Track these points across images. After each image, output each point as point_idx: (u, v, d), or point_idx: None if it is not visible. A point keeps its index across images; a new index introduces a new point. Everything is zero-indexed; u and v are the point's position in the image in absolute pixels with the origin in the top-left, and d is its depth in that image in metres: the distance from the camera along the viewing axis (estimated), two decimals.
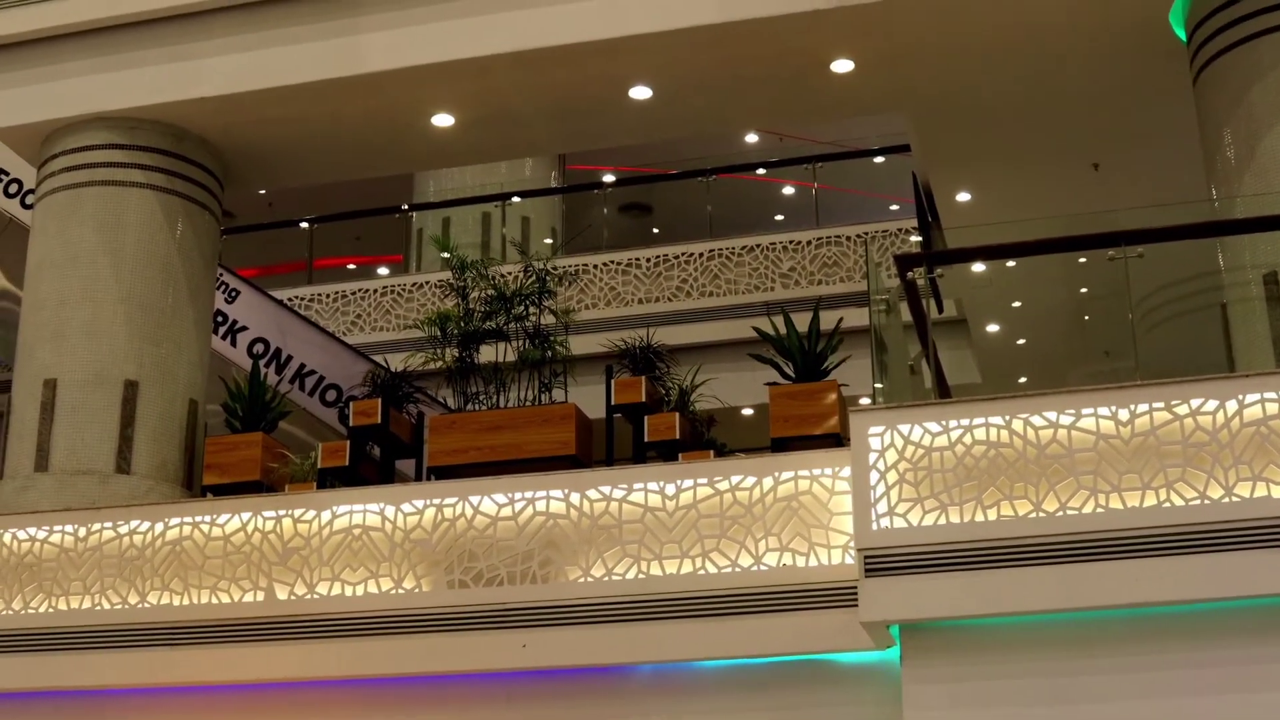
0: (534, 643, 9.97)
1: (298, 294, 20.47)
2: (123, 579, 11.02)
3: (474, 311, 12.01)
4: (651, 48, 11.88)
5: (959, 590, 8.86)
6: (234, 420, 12.23)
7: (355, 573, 10.46)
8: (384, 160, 14.23)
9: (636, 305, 19.06)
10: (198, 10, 12.65)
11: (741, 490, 9.83)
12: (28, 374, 12.43)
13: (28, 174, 16.08)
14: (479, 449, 11.16)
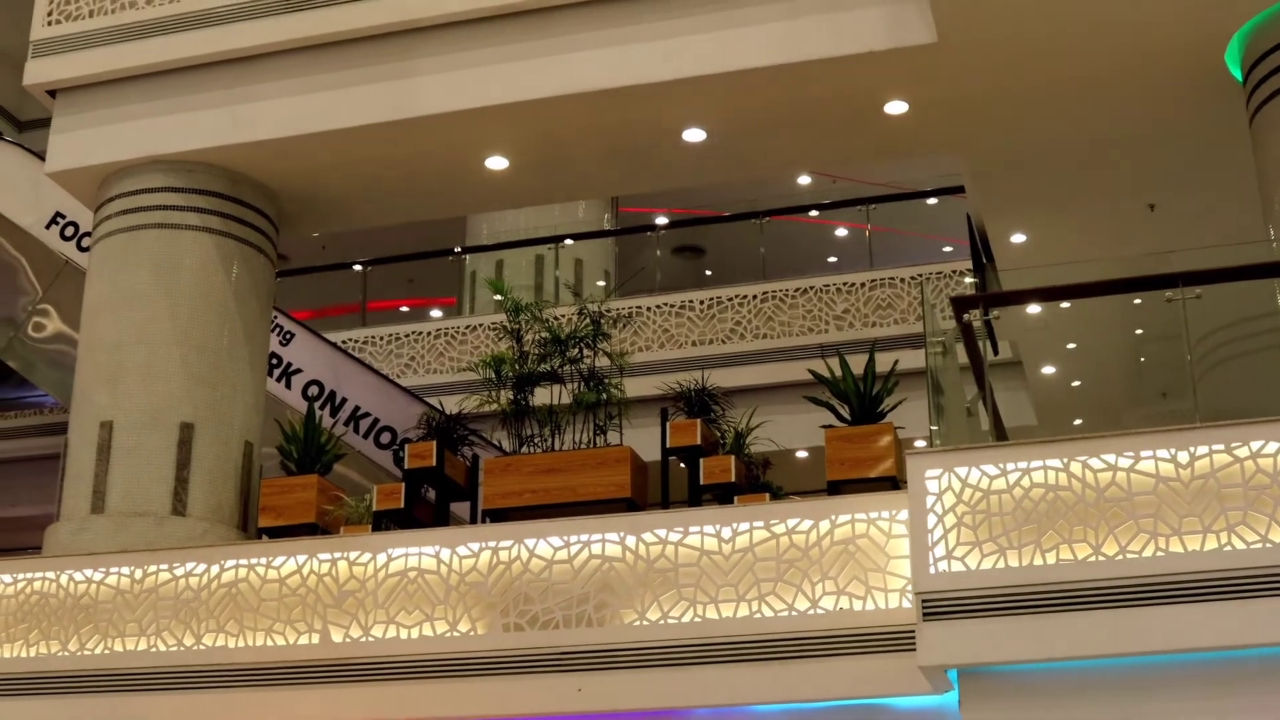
0: (589, 686, 9.93)
1: (351, 336, 20.52)
2: (178, 621, 11.03)
3: (529, 354, 12.02)
4: (705, 90, 11.88)
5: (1018, 634, 8.79)
6: (289, 463, 12.26)
7: (410, 615, 10.44)
8: (438, 203, 14.24)
9: (690, 347, 19.04)
10: (253, 54, 12.71)
11: (798, 533, 9.78)
12: (84, 416, 12.47)
13: (84, 217, 16.17)
14: (534, 492, 11.16)
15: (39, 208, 17.53)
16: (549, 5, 12.06)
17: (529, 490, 11.19)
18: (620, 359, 12.21)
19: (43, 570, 11.52)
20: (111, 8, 13.14)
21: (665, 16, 11.77)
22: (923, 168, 20.80)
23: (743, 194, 21.78)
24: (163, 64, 12.94)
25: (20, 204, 17.78)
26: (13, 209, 17.82)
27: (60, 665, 11.21)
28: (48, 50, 13.28)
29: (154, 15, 12.97)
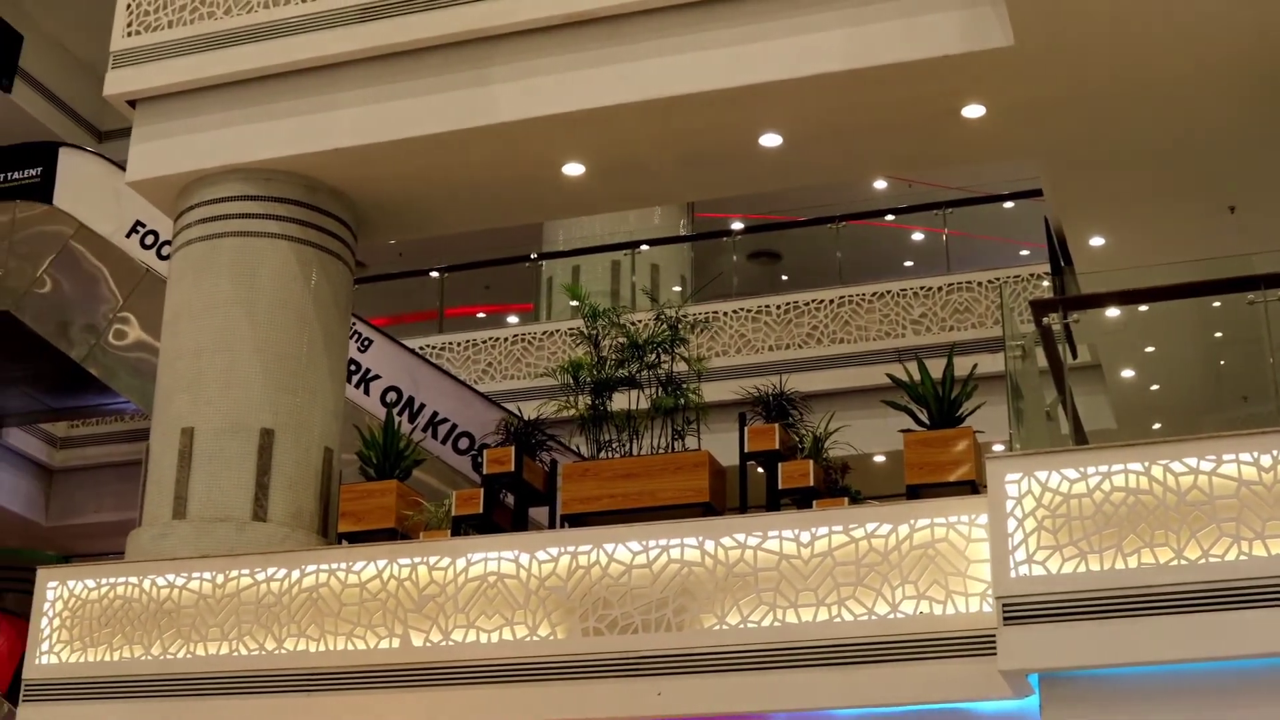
0: (669, 691, 9.94)
1: (429, 342, 20.62)
2: (260, 625, 11.10)
3: (606, 359, 12.05)
4: (782, 95, 11.86)
5: (1099, 639, 8.75)
6: (368, 468, 12.33)
7: (490, 620, 10.48)
8: (514, 210, 14.27)
9: (767, 352, 19.04)
10: (329, 63, 12.77)
11: (877, 538, 9.76)
12: (165, 423, 12.56)
13: (164, 225, 16.32)
14: (612, 496, 11.18)
15: (119, 217, 17.72)
16: (622, 12, 12.05)
17: (607, 495, 11.21)
18: (698, 364, 12.22)
19: (126, 575, 11.61)
20: (190, 19, 13.23)
21: (740, 22, 11.76)
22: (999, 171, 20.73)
23: (818, 199, 21.73)
24: (240, 73, 13.01)
25: (101, 213, 17.99)
26: (94, 218, 18.03)
27: (143, 669, 11.31)
28: (127, 61, 13.38)
29: (231, 25, 13.05)
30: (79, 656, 11.55)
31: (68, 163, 18.80)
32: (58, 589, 11.79)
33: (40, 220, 18.48)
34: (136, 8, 13.46)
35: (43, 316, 18.13)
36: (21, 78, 25.27)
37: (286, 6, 12.90)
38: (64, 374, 19.16)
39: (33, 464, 22.51)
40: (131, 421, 21.71)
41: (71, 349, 17.95)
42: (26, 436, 22.23)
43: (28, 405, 21.06)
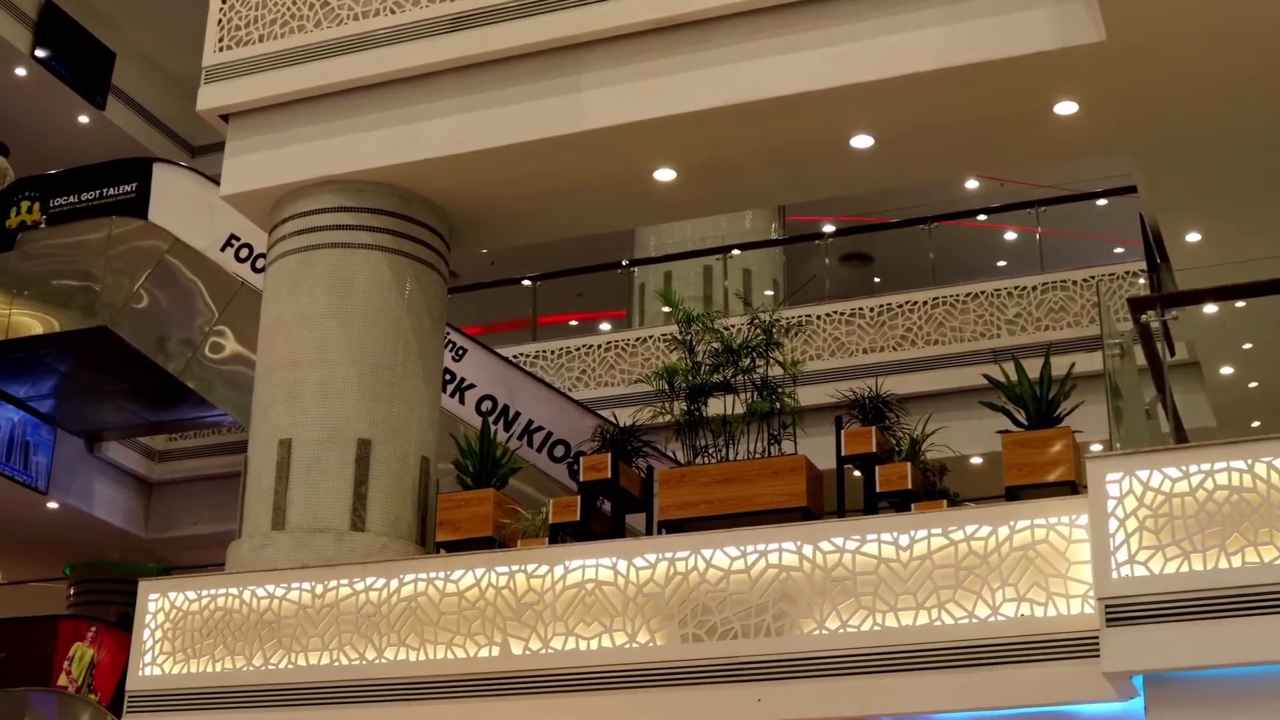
0: (769, 696, 9.91)
1: (522, 351, 20.66)
2: (359, 635, 11.15)
3: (701, 364, 12.03)
4: (873, 96, 11.79)
5: (1204, 639, 8.65)
6: (465, 477, 12.36)
7: (589, 627, 10.48)
8: (606, 216, 14.28)
9: (861, 355, 18.98)
10: (419, 74, 12.80)
11: (976, 540, 9.70)
12: (263, 434, 12.63)
13: (258, 239, 16.41)
14: (709, 502, 11.15)
15: (214, 231, 17.85)
16: (712, 16, 12.02)
17: (704, 501, 11.18)
18: (793, 368, 12.20)
19: (226, 587, 11.69)
20: (280, 32, 13.30)
21: (830, 23, 11.71)
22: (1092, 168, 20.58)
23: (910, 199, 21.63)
24: (332, 85, 13.07)
25: (196, 228, 18.12)
26: (188, 233, 18.17)
27: (244, 680, 11.38)
28: (220, 76, 13.47)
29: (321, 38, 13.11)
30: (181, 668, 11.64)
31: (162, 178, 18.95)
32: (159, 601, 11.88)
33: (136, 235, 18.64)
34: (228, 23, 13.55)
35: (140, 331, 18.28)
36: (115, 95, 25.55)
37: (376, 18, 12.95)
38: (161, 388, 19.33)
39: (132, 477, 22.69)
40: (228, 434, 21.86)
41: (169, 363, 18.09)
42: (125, 450, 22.42)
43: (126, 419, 21.25)
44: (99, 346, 18.79)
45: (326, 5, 13.16)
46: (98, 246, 18.70)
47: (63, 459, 21.50)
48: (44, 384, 20.31)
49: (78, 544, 23.06)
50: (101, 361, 19.27)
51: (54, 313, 18.80)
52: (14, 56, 23.86)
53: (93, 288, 18.53)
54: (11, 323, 18.94)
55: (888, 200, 21.65)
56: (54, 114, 25.03)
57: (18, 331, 18.91)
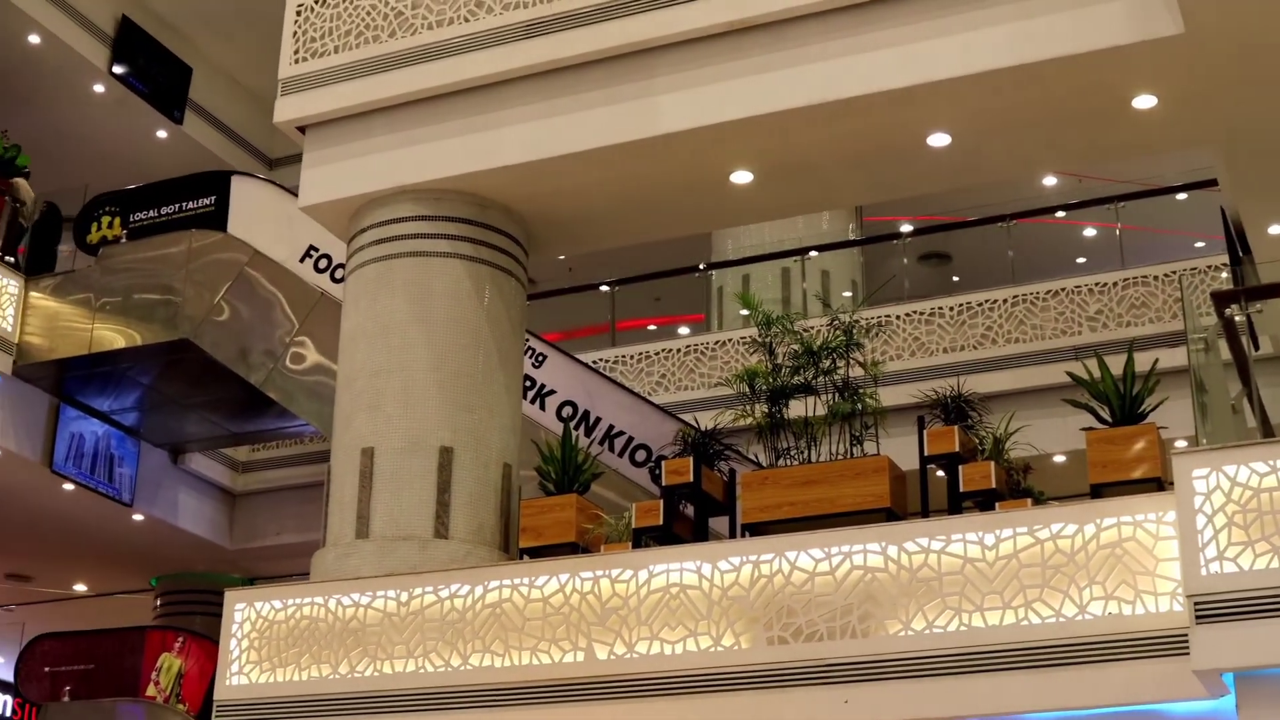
0: (856, 698, 9.88)
1: (601, 356, 20.66)
2: (444, 642, 11.18)
3: (782, 367, 12.01)
4: (948, 94, 11.73)
5: None
6: (547, 483, 12.38)
7: (674, 631, 10.47)
8: (683, 220, 14.25)
9: (941, 354, 18.89)
10: (494, 81, 12.82)
11: (1063, 538, 9.64)
12: (345, 444, 12.68)
13: (337, 249, 16.48)
14: (792, 504, 11.13)
15: (293, 242, 17.94)
16: (785, 17, 11.99)
17: (787, 503, 11.16)
18: (873, 368, 12.16)
19: (311, 595, 11.75)
20: (355, 43, 13.35)
21: (905, 21, 11.66)
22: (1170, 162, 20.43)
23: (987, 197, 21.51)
24: (407, 95, 13.10)
25: (275, 239, 18.23)
26: (267, 244, 18.28)
27: (331, 688, 11.43)
28: (296, 88, 13.54)
29: (396, 48, 13.16)
30: (268, 677, 11.70)
31: (240, 190, 19.09)
32: (245, 611, 11.96)
33: (216, 248, 18.77)
34: (303, 35, 13.61)
35: (222, 343, 18.39)
36: (192, 109, 25.72)
37: (451, 27, 12.99)
38: (243, 399, 19.45)
39: (216, 488, 22.83)
40: (311, 444, 21.95)
41: (251, 374, 18.19)
42: (209, 462, 22.56)
43: (209, 431, 21.39)
44: (181, 359, 18.93)
45: (400, 15, 13.21)
46: (178, 260, 18.83)
47: (147, 471, 21.67)
48: (128, 397, 20.48)
49: (163, 555, 23.23)
50: (184, 374, 19.41)
51: (136, 326, 18.93)
52: (92, 74, 24.05)
53: (174, 301, 18.65)
54: (95, 337, 19.09)
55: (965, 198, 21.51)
56: (132, 130, 25.22)
57: (101, 346, 19.05)
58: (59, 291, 19.60)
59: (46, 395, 19.94)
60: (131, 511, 21.51)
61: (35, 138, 22.38)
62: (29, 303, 19.53)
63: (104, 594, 25.22)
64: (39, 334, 19.36)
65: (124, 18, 24.28)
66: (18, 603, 25.61)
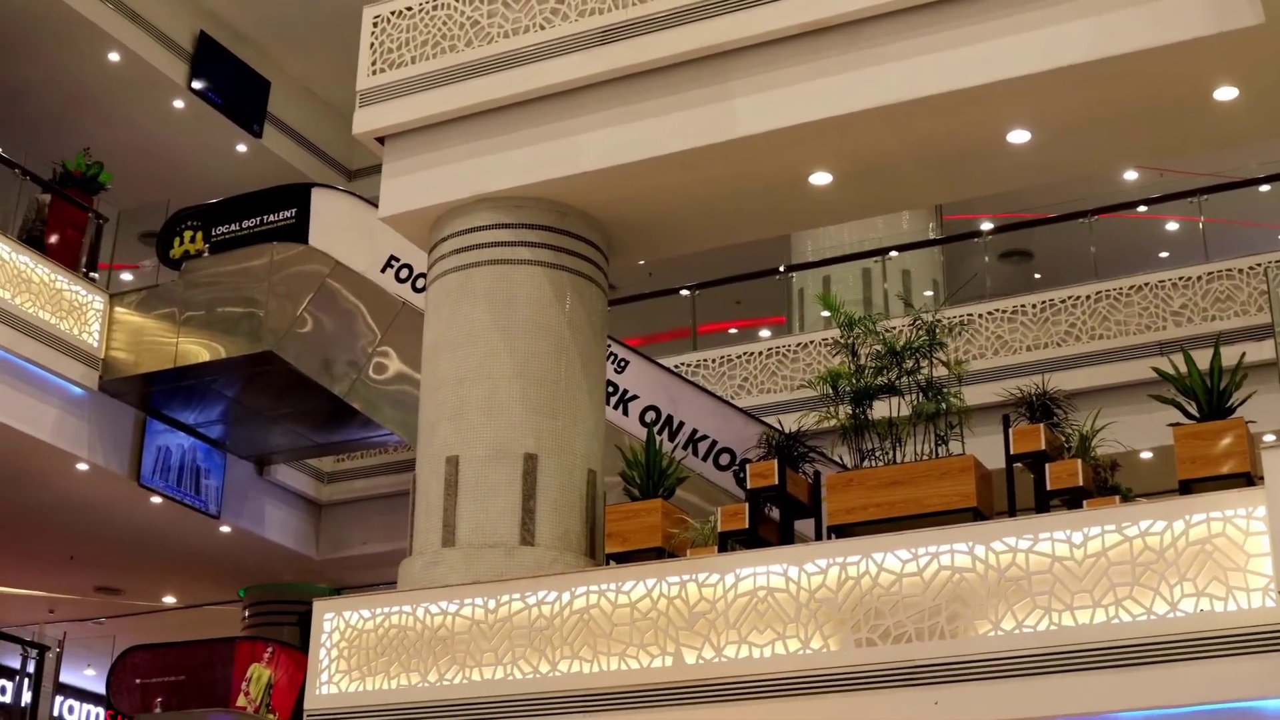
0: (945, 699, 9.84)
1: (683, 360, 20.64)
2: (533, 649, 11.20)
3: (865, 368, 11.98)
4: (1027, 91, 11.66)
5: None
6: (632, 488, 12.39)
7: (762, 634, 10.46)
8: (763, 223, 14.24)
9: (1025, 352, 18.76)
10: (570, 88, 12.84)
11: (1151, 535, 9.57)
12: (430, 452, 12.72)
13: (417, 259, 16.56)
14: (878, 505, 11.10)
15: (373, 252, 18.04)
16: (861, 17, 11.95)
17: (873, 504, 11.13)
18: (957, 368, 12.11)
19: (399, 604, 11.80)
20: (432, 53, 13.41)
21: (981, 19, 11.60)
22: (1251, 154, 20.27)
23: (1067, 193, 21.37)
24: (485, 103, 13.14)
25: (355, 250, 18.33)
26: (348, 255, 18.38)
27: (421, 696, 11.48)
28: (374, 99, 13.60)
29: (472, 57, 13.20)
30: (357, 685, 11.76)
31: (320, 202, 19.21)
32: (334, 620, 12.02)
33: (297, 260, 18.89)
34: (380, 46, 13.67)
35: (305, 354, 18.50)
36: (271, 123, 25.89)
37: (526, 35, 13.02)
38: (327, 410, 19.57)
39: (302, 499, 22.96)
40: (395, 453, 22.06)
41: (334, 385, 18.29)
42: (295, 473, 22.70)
43: (294, 442, 21.53)
44: (265, 371, 19.06)
45: (476, 25, 13.25)
46: (260, 273, 18.96)
47: (233, 483, 21.83)
48: (213, 410, 20.63)
49: (251, 566, 23.38)
50: (268, 386, 19.54)
51: (220, 339, 19.07)
52: (172, 89, 24.26)
53: (257, 314, 18.78)
54: (179, 351, 19.24)
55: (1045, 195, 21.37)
56: (212, 144, 25.42)
57: (185, 359, 19.21)
58: (143, 306, 19.77)
59: (133, 410, 20.13)
60: (219, 523, 21.67)
61: (117, 154, 22.62)
62: (114, 318, 19.72)
63: (192, 606, 25.42)
64: (124, 349, 19.53)
65: (202, 33, 24.48)
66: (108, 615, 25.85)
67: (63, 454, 19.31)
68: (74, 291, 19.40)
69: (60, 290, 19.20)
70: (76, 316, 19.28)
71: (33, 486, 20.32)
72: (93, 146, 21.90)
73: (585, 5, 12.82)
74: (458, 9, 13.39)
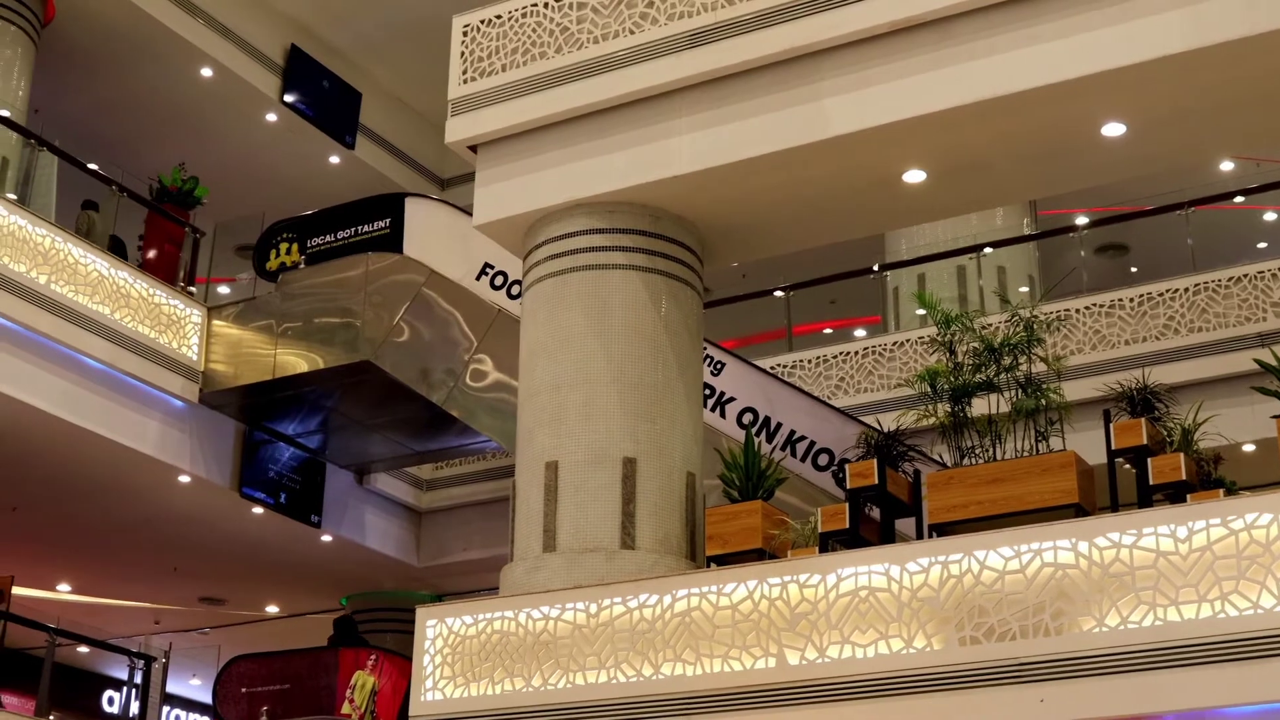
0: (1051, 697, 9.80)
1: (779, 362, 20.59)
2: (635, 652, 11.23)
3: (963, 365, 11.93)
4: (1121, 83, 11.56)
5: None
6: (731, 490, 12.38)
7: (864, 634, 10.45)
8: (856, 222, 14.19)
9: (1123, 346, 18.60)
10: (660, 92, 12.85)
11: (1258, 528, 9.49)
12: (529, 458, 12.77)
13: (512, 266, 16.61)
14: (979, 503, 11.06)
15: (468, 260, 18.12)
16: (951, 14, 11.89)
17: (974, 502, 11.09)
18: (1055, 363, 12.05)
19: (502, 610, 11.86)
20: (522, 60, 13.45)
21: (1072, 11, 11.52)
22: None
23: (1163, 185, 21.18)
24: (576, 109, 13.18)
25: (450, 259, 18.42)
26: (443, 264, 18.48)
27: (525, 701, 11.52)
28: (466, 108, 13.66)
29: (563, 63, 13.24)
30: (461, 691, 11.81)
31: (414, 212, 19.30)
32: (437, 627, 12.08)
33: (392, 270, 19.00)
34: (470, 55, 13.73)
35: (402, 363, 18.61)
36: (363, 133, 26.05)
37: (616, 40, 13.04)
38: (425, 418, 19.68)
39: (402, 507, 23.08)
40: (493, 460, 22.13)
41: (432, 393, 18.39)
42: (394, 481, 22.82)
43: (393, 450, 21.62)
44: (363, 381, 19.18)
45: (566, 31, 13.29)
46: (356, 283, 19.09)
47: (334, 493, 21.98)
48: (312, 420, 20.77)
49: (352, 575, 23.55)
50: (366, 395, 19.65)
51: (318, 350, 19.22)
52: (264, 103, 24.45)
53: (354, 324, 18.91)
54: (278, 362, 19.40)
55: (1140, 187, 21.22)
56: (306, 156, 25.59)
57: (284, 371, 19.36)
58: (241, 319, 19.95)
59: (233, 421, 20.31)
60: (320, 533, 21.82)
61: (211, 169, 22.86)
62: (212, 331, 19.90)
63: (295, 615, 25.60)
64: (223, 361, 19.71)
65: (293, 47, 24.66)
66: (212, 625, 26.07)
67: (165, 466, 19.52)
68: (172, 305, 19.60)
69: (159, 305, 19.40)
70: (176, 330, 19.48)
71: (137, 499, 20.55)
72: (188, 161, 22.13)
73: (674, 9, 12.83)
74: (547, 16, 13.43)
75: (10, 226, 17.80)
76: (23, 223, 17.98)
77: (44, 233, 18.19)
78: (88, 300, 18.44)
